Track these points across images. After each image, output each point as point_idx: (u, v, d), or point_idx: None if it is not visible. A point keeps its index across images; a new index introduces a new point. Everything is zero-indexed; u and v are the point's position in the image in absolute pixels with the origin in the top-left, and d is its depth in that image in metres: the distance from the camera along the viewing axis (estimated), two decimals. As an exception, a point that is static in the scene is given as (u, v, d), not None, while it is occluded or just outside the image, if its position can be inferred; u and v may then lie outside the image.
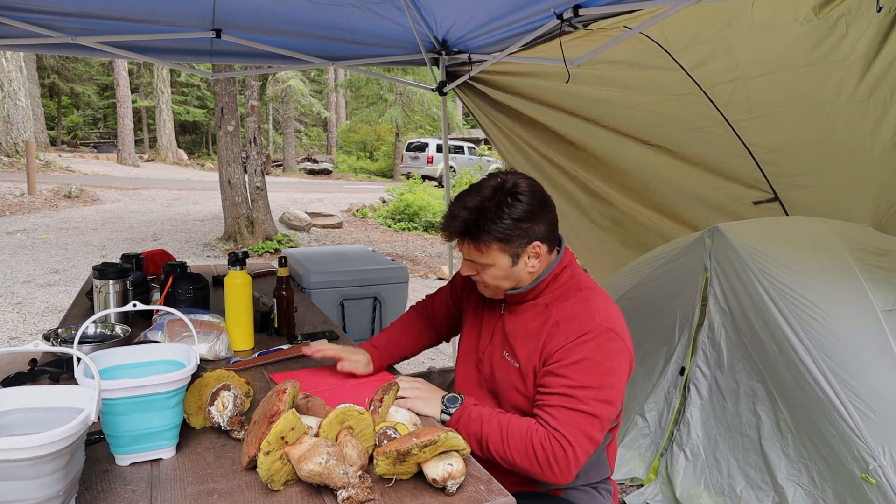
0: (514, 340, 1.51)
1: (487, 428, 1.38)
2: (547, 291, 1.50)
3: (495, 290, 1.52)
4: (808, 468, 2.12)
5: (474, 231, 1.41)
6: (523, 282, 1.50)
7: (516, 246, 1.42)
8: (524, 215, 1.40)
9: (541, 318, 1.48)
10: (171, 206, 12.21)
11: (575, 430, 1.32)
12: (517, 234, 1.41)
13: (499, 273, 1.46)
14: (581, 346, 1.37)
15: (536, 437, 1.34)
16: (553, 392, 1.36)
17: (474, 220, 1.41)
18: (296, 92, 21.46)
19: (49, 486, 0.92)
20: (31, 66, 18.55)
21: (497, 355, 1.55)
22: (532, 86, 3.47)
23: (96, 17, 2.98)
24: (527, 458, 1.33)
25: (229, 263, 1.87)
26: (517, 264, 1.45)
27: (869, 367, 1.99)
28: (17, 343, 4.67)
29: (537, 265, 1.47)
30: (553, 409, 1.35)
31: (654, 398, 2.68)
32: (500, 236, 1.40)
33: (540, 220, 1.44)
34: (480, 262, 1.45)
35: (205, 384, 1.36)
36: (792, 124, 2.78)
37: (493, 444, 1.37)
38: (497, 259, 1.43)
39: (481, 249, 1.43)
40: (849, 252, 2.27)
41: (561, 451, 1.31)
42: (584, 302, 1.45)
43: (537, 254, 1.45)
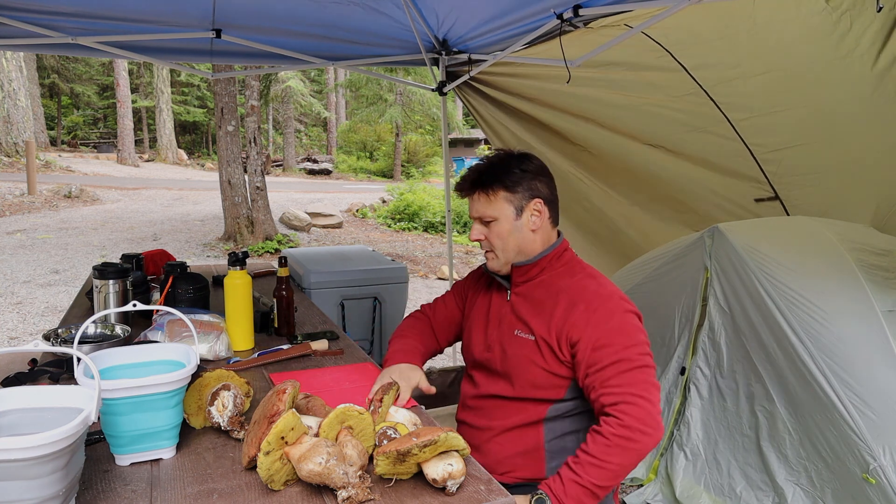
0: (525, 316, 1.57)
1: (586, 477, 1.37)
2: (550, 268, 1.60)
3: (503, 257, 1.59)
4: (807, 468, 2.12)
5: (485, 179, 1.56)
6: (527, 244, 1.57)
7: (521, 198, 1.55)
8: (529, 169, 1.57)
9: (550, 292, 1.56)
10: (171, 206, 12.21)
11: (640, 385, 1.40)
12: (522, 185, 1.55)
13: (504, 227, 1.56)
14: (608, 316, 1.47)
15: (610, 425, 1.38)
16: (605, 365, 1.42)
17: (487, 169, 1.58)
18: (296, 92, 21.47)
19: (49, 486, 0.92)
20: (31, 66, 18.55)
21: (507, 335, 1.60)
22: (532, 86, 3.47)
23: (96, 17, 2.98)
24: (625, 450, 1.37)
25: (229, 263, 1.87)
26: (520, 217, 1.56)
27: (869, 368, 1.99)
28: (17, 343, 4.67)
29: (539, 224, 1.57)
30: (612, 378, 1.41)
31: (655, 398, 2.68)
32: (508, 184, 1.54)
33: (542, 181, 1.58)
34: (488, 214, 1.56)
35: (205, 384, 1.36)
36: (793, 124, 2.78)
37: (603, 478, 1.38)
38: (503, 210, 1.55)
39: (490, 197, 1.55)
40: (849, 252, 2.27)
41: (638, 410, 1.38)
42: (591, 278, 1.56)
43: (539, 211, 1.57)
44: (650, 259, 2.87)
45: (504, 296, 1.66)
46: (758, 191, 3.17)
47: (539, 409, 1.55)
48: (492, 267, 1.63)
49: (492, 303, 1.69)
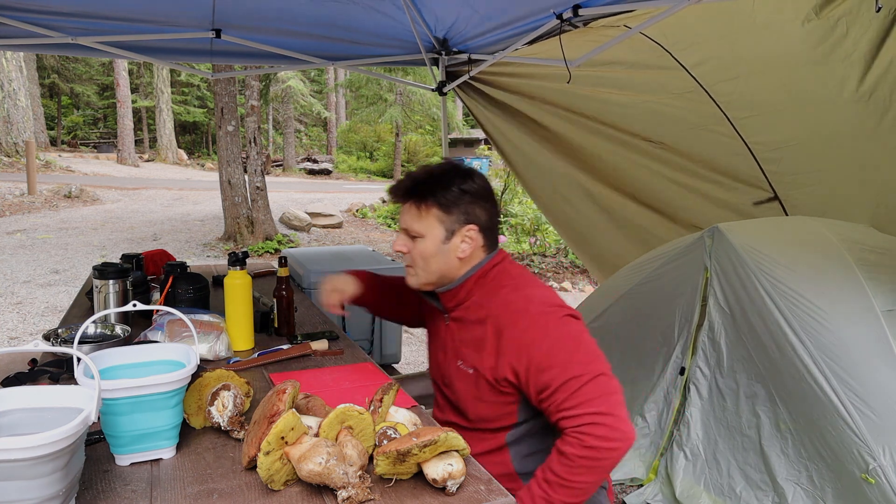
0: (463, 347, 1.49)
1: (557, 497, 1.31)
2: (477, 289, 1.48)
3: (423, 276, 1.49)
4: (807, 468, 2.12)
5: (420, 191, 1.44)
6: (451, 270, 1.47)
7: (453, 221, 1.43)
8: (470, 191, 1.43)
9: (479, 317, 1.45)
10: (171, 206, 12.21)
11: (598, 399, 1.30)
12: (458, 207, 1.42)
13: (429, 248, 1.44)
14: (540, 336, 1.35)
15: (573, 447, 1.29)
16: (555, 388, 1.32)
17: (424, 180, 1.44)
18: (296, 92, 21.47)
19: (49, 486, 0.92)
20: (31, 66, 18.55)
21: (452, 366, 1.52)
22: (532, 86, 3.47)
23: (96, 17, 2.98)
24: (592, 469, 1.29)
25: (229, 263, 1.87)
26: (449, 242, 1.44)
27: (869, 367, 1.99)
28: (17, 343, 4.67)
29: (467, 252, 1.45)
30: (566, 401, 1.31)
31: (654, 398, 2.68)
32: (443, 202, 1.42)
33: (482, 206, 1.45)
34: (415, 229, 1.45)
35: (205, 384, 1.36)
36: (793, 123, 2.78)
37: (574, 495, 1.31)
38: (432, 228, 1.43)
39: (421, 212, 1.44)
40: (849, 252, 2.27)
41: (600, 428, 1.28)
42: (515, 293, 1.43)
43: (471, 238, 1.44)
44: (650, 259, 2.87)
45: (443, 319, 1.57)
46: (757, 193, 3.17)
47: (497, 437, 1.49)
48: (409, 282, 1.54)
49: (436, 326, 1.61)
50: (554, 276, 7.56)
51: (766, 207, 3.17)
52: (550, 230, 8.48)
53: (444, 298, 1.52)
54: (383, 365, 2.98)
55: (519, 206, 9.72)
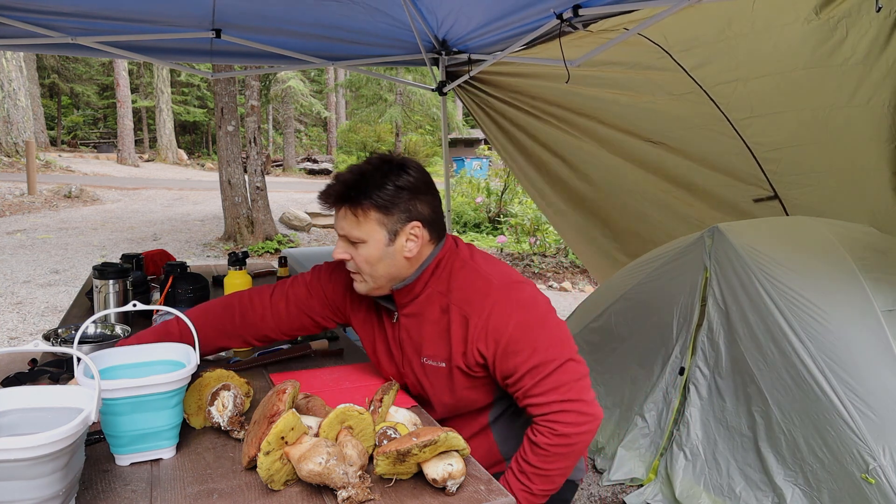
0: (424, 342, 1.43)
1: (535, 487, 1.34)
2: (432, 281, 1.41)
3: (372, 283, 1.40)
4: (806, 468, 2.12)
5: (354, 195, 1.32)
6: (401, 270, 1.39)
7: (395, 221, 1.33)
8: (407, 186, 1.34)
9: (440, 307, 1.40)
10: (171, 206, 12.21)
11: (565, 387, 1.30)
12: (398, 206, 1.33)
13: (373, 253, 1.34)
14: (505, 319, 1.32)
15: (545, 436, 1.31)
16: (522, 374, 1.32)
17: (355, 183, 1.33)
18: (296, 92, 21.47)
19: (49, 486, 0.92)
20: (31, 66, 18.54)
21: (416, 364, 1.46)
22: (532, 85, 3.47)
23: (96, 17, 2.98)
24: (566, 455, 1.31)
25: (229, 263, 1.87)
26: (393, 243, 1.35)
27: (869, 367, 1.99)
28: (17, 343, 4.67)
29: (415, 250, 1.37)
30: (534, 387, 1.31)
31: (654, 398, 2.68)
32: (381, 203, 1.31)
33: (423, 200, 1.37)
34: (355, 235, 1.34)
35: (205, 384, 1.36)
36: (793, 125, 2.78)
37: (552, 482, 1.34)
38: (373, 233, 1.33)
39: (358, 217, 1.33)
40: (849, 252, 2.27)
41: (569, 415, 1.29)
42: (472, 273, 1.39)
43: (416, 236, 1.36)
44: (650, 259, 2.87)
45: (391, 317, 1.49)
46: (757, 191, 3.17)
47: (480, 418, 1.50)
48: (359, 290, 1.43)
49: (384, 325, 1.52)
50: (554, 276, 7.56)
51: (766, 206, 3.17)
52: (550, 230, 8.48)
53: (398, 295, 1.43)
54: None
55: (519, 206, 9.72)
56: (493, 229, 10.02)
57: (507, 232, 9.44)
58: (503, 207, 10.24)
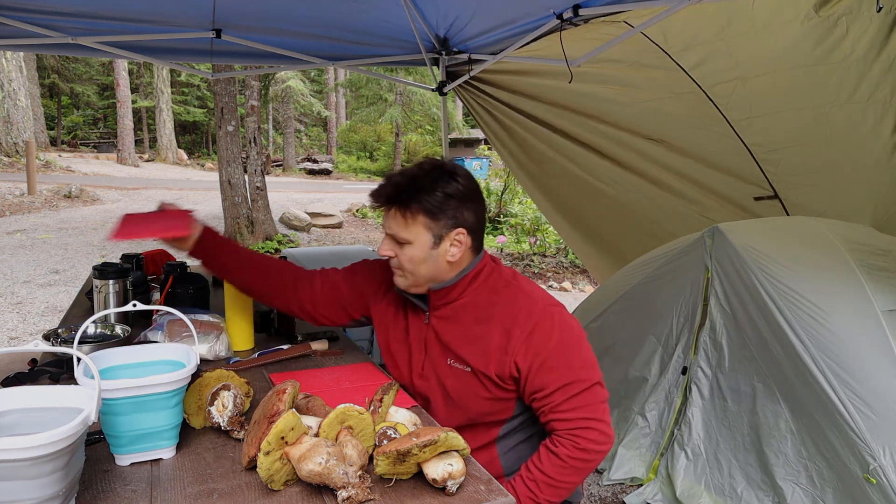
0: (456, 347, 1.46)
1: (543, 496, 1.37)
2: (471, 289, 1.47)
3: (412, 280, 1.45)
4: (808, 468, 2.12)
5: (404, 197, 1.38)
6: (441, 273, 1.44)
7: (442, 226, 1.39)
8: (456, 194, 1.39)
9: (478, 316, 1.45)
10: (171, 206, 12.18)
11: (591, 406, 1.38)
12: (446, 212, 1.38)
13: (417, 254, 1.40)
14: (546, 336, 1.39)
15: (566, 448, 1.37)
16: (553, 390, 1.38)
17: (407, 186, 1.38)
18: (296, 92, 21.47)
19: (49, 486, 0.92)
20: (31, 66, 18.54)
21: (441, 365, 1.49)
22: (532, 84, 3.47)
23: (96, 17, 2.98)
24: (581, 470, 1.37)
25: (229, 263, 1.86)
26: (438, 247, 1.40)
27: (869, 368, 1.99)
28: (17, 343, 4.66)
29: (457, 255, 1.42)
30: (563, 403, 1.38)
31: (655, 398, 2.68)
32: (429, 208, 1.37)
33: (470, 208, 1.42)
34: (402, 236, 1.40)
35: (205, 384, 1.36)
36: (792, 124, 2.78)
37: (558, 496, 1.38)
38: (419, 235, 1.39)
39: (407, 220, 1.38)
40: (849, 252, 2.27)
41: (593, 432, 1.37)
42: (518, 292, 1.45)
43: (460, 242, 1.41)
44: (650, 259, 2.87)
45: (421, 317, 1.53)
46: (757, 190, 3.18)
47: (490, 431, 1.51)
48: (399, 284, 1.49)
49: (410, 323, 1.56)
50: (554, 276, 7.56)
51: (766, 205, 3.17)
52: (550, 230, 8.48)
53: (435, 297, 1.49)
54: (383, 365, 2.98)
55: (519, 206, 9.72)
56: (493, 229, 10.02)
57: (507, 232, 9.44)
58: (503, 207, 10.24)
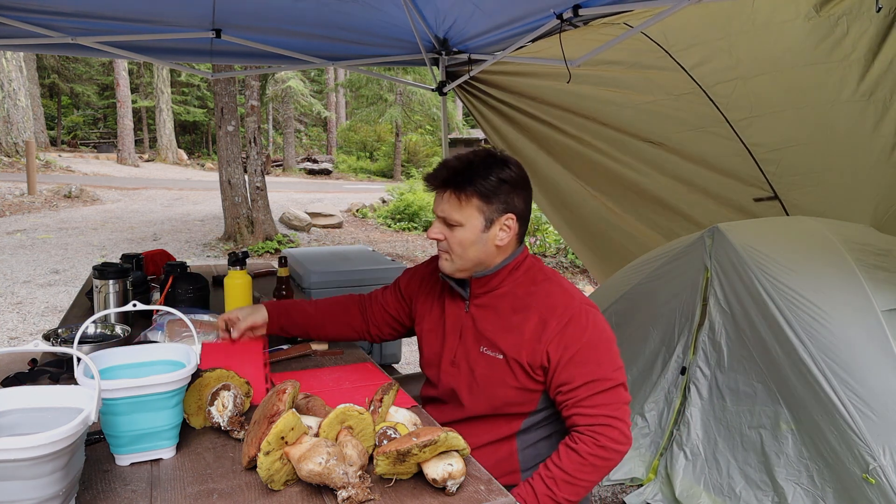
0: (491, 334, 1.49)
1: (560, 494, 1.37)
2: (510, 279, 1.51)
3: (459, 264, 1.49)
4: (808, 468, 2.12)
5: (459, 180, 1.44)
6: (489, 257, 1.49)
7: (493, 210, 1.44)
8: (509, 180, 1.45)
9: (516, 306, 1.48)
10: (171, 206, 12.21)
11: (614, 405, 1.40)
12: (498, 196, 1.44)
13: (468, 236, 1.45)
14: (580, 331, 1.42)
15: (586, 444, 1.37)
16: (579, 385, 1.40)
17: (463, 170, 1.45)
18: (296, 92, 21.47)
19: (49, 486, 0.92)
20: (31, 66, 18.54)
21: (473, 353, 1.52)
22: (532, 85, 3.47)
23: (96, 17, 2.98)
24: (599, 469, 1.38)
25: (229, 263, 1.87)
26: (488, 231, 1.45)
27: (869, 367, 1.99)
28: (17, 343, 4.67)
29: (506, 240, 1.47)
30: (587, 399, 1.39)
31: (654, 398, 2.68)
32: (483, 191, 1.43)
33: (521, 194, 1.48)
34: (454, 218, 1.45)
35: (205, 384, 1.36)
36: (792, 124, 2.78)
37: (575, 493, 1.38)
38: (472, 218, 1.44)
39: (461, 201, 1.44)
40: (849, 252, 2.27)
41: (614, 431, 1.38)
42: (557, 286, 1.49)
43: (509, 227, 1.47)
44: (650, 259, 2.87)
45: (461, 306, 1.57)
46: (757, 191, 3.17)
47: (512, 423, 1.52)
48: (443, 268, 1.53)
49: (447, 311, 1.59)
50: (554, 276, 7.55)
51: (766, 206, 3.17)
52: (550, 230, 8.48)
53: (476, 284, 1.53)
54: (383, 365, 2.98)
55: (519, 206, 9.71)
56: (494, 229, 10.00)
57: (507, 232, 9.42)
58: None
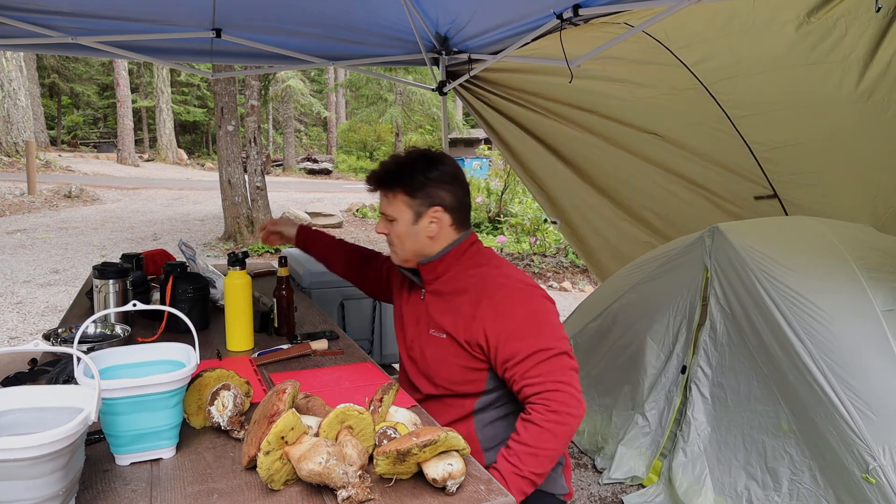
0: (437, 315, 1.59)
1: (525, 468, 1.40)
2: (457, 263, 1.61)
3: (401, 254, 1.64)
4: (809, 468, 2.12)
5: (387, 179, 1.60)
6: (424, 247, 1.60)
7: (419, 204, 1.57)
8: (434, 176, 1.57)
9: (457, 288, 1.58)
10: (171, 206, 12.21)
11: (560, 371, 1.45)
12: (423, 191, 1.56)
13: (402, 229, 1.59)
14: (513, 307, 1.49)
15: (538, 412, 1.41)
16: (522, 357, 1.45)
17: (391, 170, 1.60)
18: (296, 92, 21.47)
19: (49, 486, 0.92)
20: (31, 66, 18.54)
21: (424, 335, 1.63)
22: (532, 82, 3.47)
23: (96, 16, 2.98)
24: (556, 435, 1.41)
25: (229, 263, 1.86)
26: (418, 223, 1.58)
27: (869, 367, 1.99)
28: (17, 343, 4.66)
29: (436, 231, 1.58)
30: (532, 369, 1.44)
31: (655, 397, 2.68)
32: (407, 188, 1.56)
33: (447, 189, 1.58)
34: (389, 212, 1.60)
35: (205, 384, 1.36)
36: (792, 123, 2.78)
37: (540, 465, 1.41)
38: (401, 212, 1.58)
39: (389, 199, 1.60)
40: (849, 252, 2.27)
41: (563, 395, 1.42)
42: (495, 269, 1.58)
43: (438, 219, 1.58)
44: (650, 259, 2.87)
45: (418, 294, 1.69)
46: (758, 188, 3.18)
47: (465, 403, 1.58)
48: (393, 259, 1.69)
49: (408, 301, 1.73)
50: (554, 276, 7.56)
51: (766, 204, 3.17)
52: (550, 230, 8.48)
53: (424, 271, 1.64)
54: (383, 365, 2.98)
55: (519, 205, 9.72)
56: (494, 229, 10.02)
57: (507, 232, 9.43)
58: (503, 207, 10.24)
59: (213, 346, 1.88)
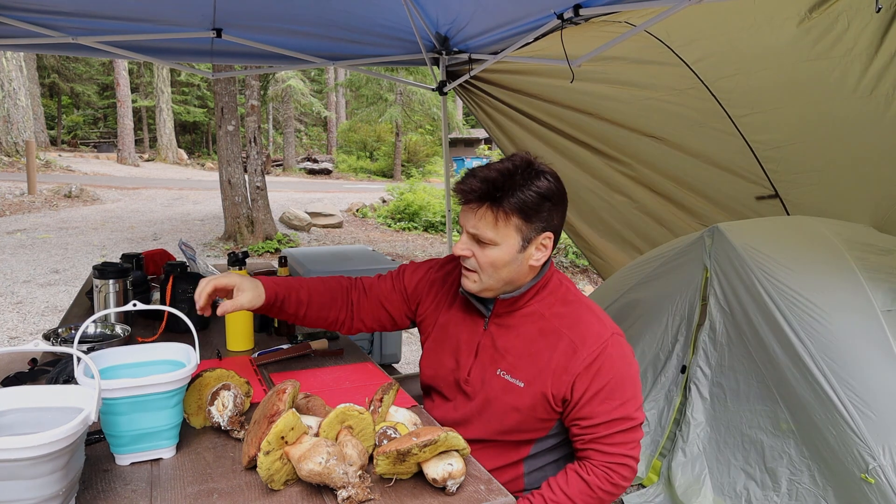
0: (513, 357, 1.39)
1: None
2: (538, 299, 1.41)
3: (487, 283, 1.36)
4: (809, 467, 2.12)
5: (499, 196, 1.27)
6: (521, 277, 1.37)
7: (532, 229, 1.31)
8: (550, 195, 1.31)
9: (543, 330, 1.38)
10: (171, 206, 12.21)
11: (631, 444, 1.35)
12: (539, 214, 1.30)
13: (501, 257, 1.31)
14: (609, 365, 1.33)
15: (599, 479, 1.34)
16: (602, 421, 1.33)
17: (502, 183, 1.28)
18: (296, 92, 21.47)
19: (49, 486, 0.92)
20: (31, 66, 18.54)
21: (489, 373, 1.42)
22: (533, 83, 3.47)
23: (96, 16, 2.98)
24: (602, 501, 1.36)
25: (229, 263, 1.87)
26: (524, 251, 1.33)
27: (869, 367, 1.99)
28: (17, 343, 4.66)
29: (541, 261, 1.36)
30: (608, 437, 1.34)
31: (654, 397, 2.68)
32: (524, 208, 1.28)
33: (560, 211, 1.35)
34: (488, 237, 1.30)
35: (205, 384, 1.36)
36: (793, 121, 2.78)
37: None
38: (508, 237, 1.30)
39: (498, 220, 1.29)
40: (849, 252, 2.27)
41: (627, 469, 1.35)
42: (587, 311, 1.39)
43: (546, 246, 1.35)
44: (650, 258, 2.87)
45: (479, 322, 1.46)
46: (759, 189, 3.18)
47: (521, 449, 1.44)
48: (466, 287, 1.40)
49: (461, 326, 1.48)
50: (554, 275, 7.56)
51: (767, 204, 3.17)
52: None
53: (501, 305, 1.41)
54: (383, 365, 2.98)
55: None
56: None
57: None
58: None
59: (213, 346, 1.88)
